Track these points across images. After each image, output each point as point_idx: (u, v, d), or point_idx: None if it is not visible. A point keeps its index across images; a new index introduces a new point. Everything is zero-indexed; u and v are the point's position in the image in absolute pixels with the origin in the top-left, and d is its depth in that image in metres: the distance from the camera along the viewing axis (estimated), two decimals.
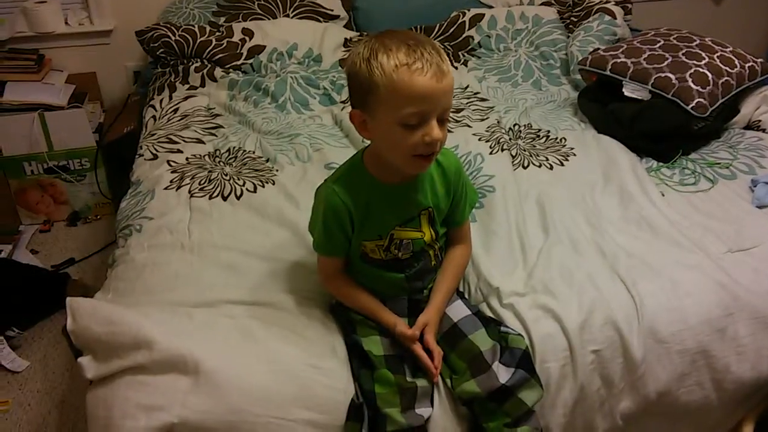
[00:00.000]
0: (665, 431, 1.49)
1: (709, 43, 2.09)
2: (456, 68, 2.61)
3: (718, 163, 1.89)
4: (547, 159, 1.93)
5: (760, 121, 2.07)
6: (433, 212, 1.35)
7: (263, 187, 1.82)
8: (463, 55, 2.69)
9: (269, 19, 2.78)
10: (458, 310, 1.40)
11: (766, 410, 1.50)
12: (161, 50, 2.57)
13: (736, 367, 1.43)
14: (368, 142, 1.30)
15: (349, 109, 2.19)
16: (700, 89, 1.93)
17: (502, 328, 1.36)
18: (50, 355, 2.13)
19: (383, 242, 1.33)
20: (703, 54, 2.02)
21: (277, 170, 1.91)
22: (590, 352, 1.37)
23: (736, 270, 1.49)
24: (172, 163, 1.94)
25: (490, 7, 2.90)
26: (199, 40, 2.56)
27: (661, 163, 1.92)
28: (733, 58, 2.05)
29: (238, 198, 1.78)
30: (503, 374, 1.28)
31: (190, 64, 2.53)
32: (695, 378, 1.43)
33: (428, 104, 1.13)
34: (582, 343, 1.37)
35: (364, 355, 1.31)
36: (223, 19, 2.77)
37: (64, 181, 2.74)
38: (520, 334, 1.35)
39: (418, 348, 1.31)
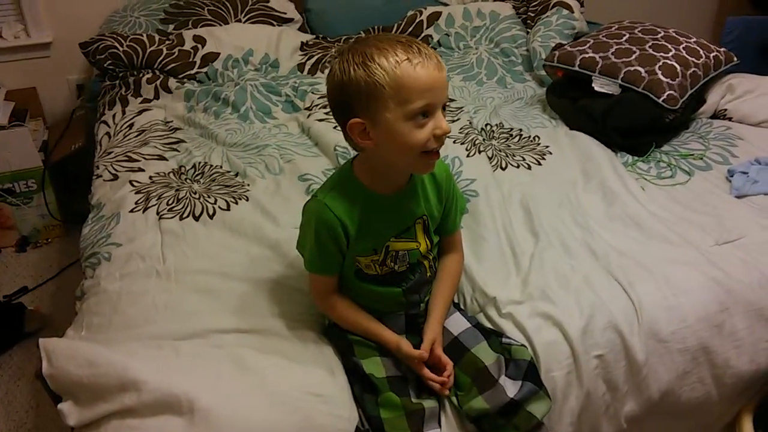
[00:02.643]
0: (668, 429, 1.49)
1: (673, 34, 2.11)
2: None
3: (692, 154, 1.91)
4: (524, 159, 1.90)
5: (726, 109, 2.09)
6: (428, 221, 1.31)
7: (236, 203, 1.73)
8: None
9: (221, 24, 2.68)
10: (457, 323, 1.36)
11: (763, 400, 1.51)
12: (108, 62, 2.44)
13: (735, 361, 1.43)
14: (354, 153, 1.26)
15: (316, 116, 2.12)
16: (670, 81, 1.94)
17: (504, 340, 1.32)
18: (12, 393, 1.99)
19: (378, 256, 1.27)
20: (670, 46, 2.03)
21: (248, 185, 1.82)
22: (593, 357, 1.35)
23: (726, 263, 1.49)
24: (135, 183, 1.83)
25: (446, 4, 2.87)
26: (149, 50, 2.44)
27: (636, 158, 1.92)
28: (698, 48, 2.07)
29: (210, 217, 1.68)
30: (510, 388, 1.25)
31: (141, 75, 2.41)
32: (696, 375, 1.42)
33: (435, 95, 1.12)
34: (585, 348, 1.34)
35: (365, 378, 1.25)
36: (171, 26, 2.66)
37: (10, 205, 2.58)
38: (523, 345, 1.32)
39: (424, 370, 1.26)
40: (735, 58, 2.16)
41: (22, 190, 2.57)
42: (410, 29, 2.70)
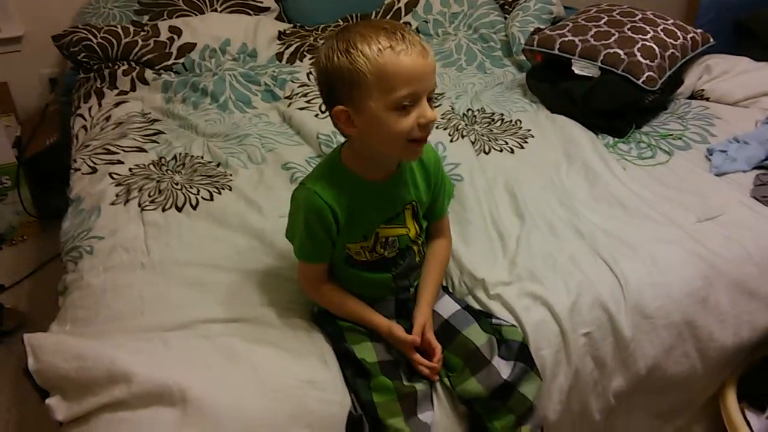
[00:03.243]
0: (655, 403, 1.51)
1: (651, 16, 2.12)
2: None
3: (671, 135, 1.93)
4: (507, 143, 1.91)
5: (703, 90, 2.12)
6: (417, 206, 1.31)
7: (220, 194, 1.72)
8: None
9: (196, 14, 2.64)
10: (447, 306, 1.36)
11: (746, 372, 1.54)
12: (82, 54, 2.39)
13: (719, 334, 1.45)
14: (342, 139, 1.24)
15: (297, 105, 2.10)
16: (649, 63, 1.95)
17: (494, 321, 1.33)
18: None
19: (368, 243, 1.27)
20: (648, 28, 2.05)
21: (231, 175, 1.80)
22: (581, 335, 1.36)
23: (708, 239, 1.51)
24: (115, 176, 1.80)
25: None
26: (123, 42, 2.40)
27: (616, 139, 1.93)
28: (675, 30, 2.09)
29: (194, 208, 1.66)
30: (504, 369, 1.25)
31: (117, 67, 2.37)
32: (681, 349, 1.44)
33: (419, 83, 1.09)
34: (573, 326, 1.36)
35: (357, 363, 1.25)
36: (146, 17, 2.62)
37: None
38: (513, 325, 1.32)
39: (415, 354, 1.26)
40: (711, 39, 2.18)
41: None
42: (388, 16, 2.69)
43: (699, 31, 2.17)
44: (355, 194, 1.23)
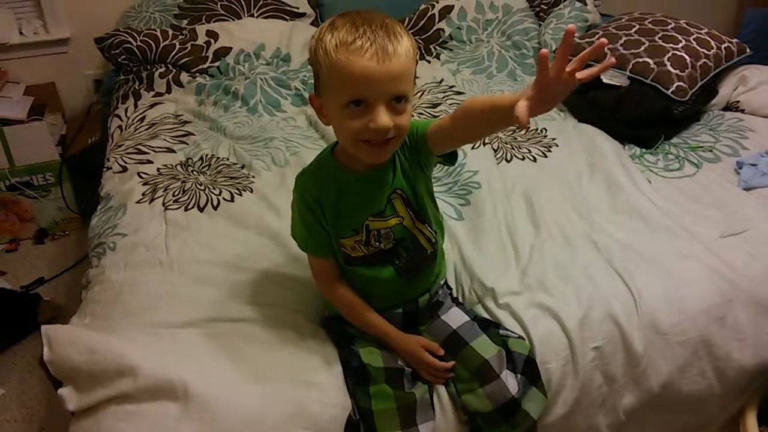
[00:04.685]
0: (669, 422, 1.47)
1: (684, 25, 2.07)
2: (429, 62, 2.56)
3: (701, 147, 1.88)
4: (530, 151, 1.89)
5: (738, 101, 2.06)
6: (405, 193, 1.22)
7: (241, 195, 1.75)
8: (435, 48, 2.64)
9: (234, 19, 2.69)
10: (457, 317, 1.34)
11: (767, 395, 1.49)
12: (123, 57, 2.47)
13: (738, 354, 1.41)
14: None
15: None
16: (679, 72, 1.91)
17: (501, 331, 1.31)
18: (26, 382, 2.03)
19: (361, 236, 1.23)
20: (680, 37, 2.00)
21: (253, 177, 1.84)
22: (591, 349, 1.34)
23: (730, 255, 1.47)
24: (143, 175, 1.86)
25: None
26: (162, 45, 2.46)
27: (644, 150, 1.89)
28: (709, 39, 2.04)
29: (215, 208, 1.70)
30: (512, 383, 1.24)
31: (154, 69, 2.44)
32: (697, 368, 1.40)
33: (368, 88, 1.03)
34: (582, 340, 1.34)
35: (360, 369, 1.25)
36: (185, 21, 2.68)
37: (29, 198, 2.63)
38: (521, 337, 1.31)
39: (428, 356, 1.27)
40: (748, 50, 2.12)
41: (40, 183, 2.62)
42: (422, 23, 2.69)
43: (735, 41, 2.10)
44: (341, 185, 1.21)
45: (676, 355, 1.38)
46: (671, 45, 1.97)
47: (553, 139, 1.94)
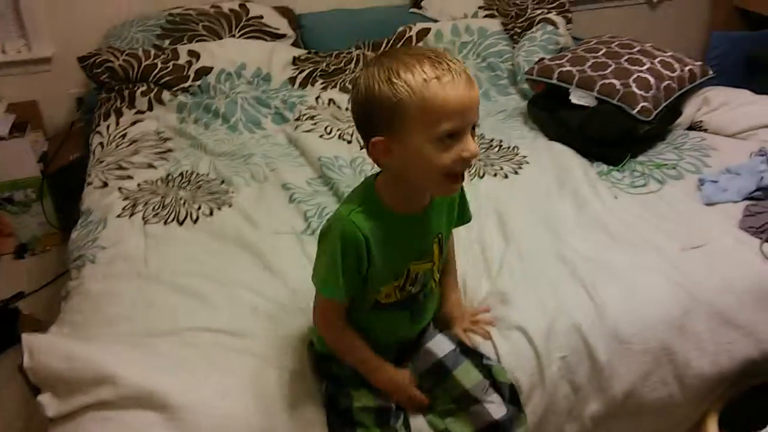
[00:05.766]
0: (633, 429, 1.51)
1: (649, 48, 2.16)
2: None
3: (665, 164, 1.95)
4: (502, 168, 1.95)
5: (701, 121, 2.14)
6: (442, 237, 1.26)
7: (220, 210, 1.80)
8: None
9: (215, 40, 2.75)
10: (441, 345, 1.33)
11: (729, 402, 1.54)
12: (105, 75, 2.52)
13: (697, 362, 1.46)
14: (377, 169, 1.17)
15: (304, 127, 2.16)
16: (644, 93, 1.99)
17: (485, 361, 1.33)
18: (5, 394, 2.04)
19: (400, 281, 1.20)
20: (644, 59, 2.09)
21: (233, 192, 1.88)
22: (557, 359, 1.38)
23: (690, 268, 1.53)
24: (124, 190, 1.90)
25: (435, 21, 2.94)
26: (144, 64, 2.51)
27: (611, 167, 1.96)
28: (673, 62, 2.12)
29: (194, 222, 1.75)
30: (495, 410, 1.26)
31: (136, 88, 2.48)
32: (659, 375, 1.45)
33: (464, 117, 1.03)
34: (548, 351, 1.38)
35: (349, 412, 1.23)
36: (167, 41, 2.73)
37: (9, 213, 2.65)
38: (502, 367, 1.33)
39: (416, 391, 1.28)
40: (710, 72, 2.21)
41: (21, 198, 2.64)
42: (399, 44, 2.76)
43: (699, 63, 2.20)
44: (388, 229, 1.15)
45: (639, 363, 1.43)
46: (636, 67, 2.06)
47: (525, 156, 2.01)
